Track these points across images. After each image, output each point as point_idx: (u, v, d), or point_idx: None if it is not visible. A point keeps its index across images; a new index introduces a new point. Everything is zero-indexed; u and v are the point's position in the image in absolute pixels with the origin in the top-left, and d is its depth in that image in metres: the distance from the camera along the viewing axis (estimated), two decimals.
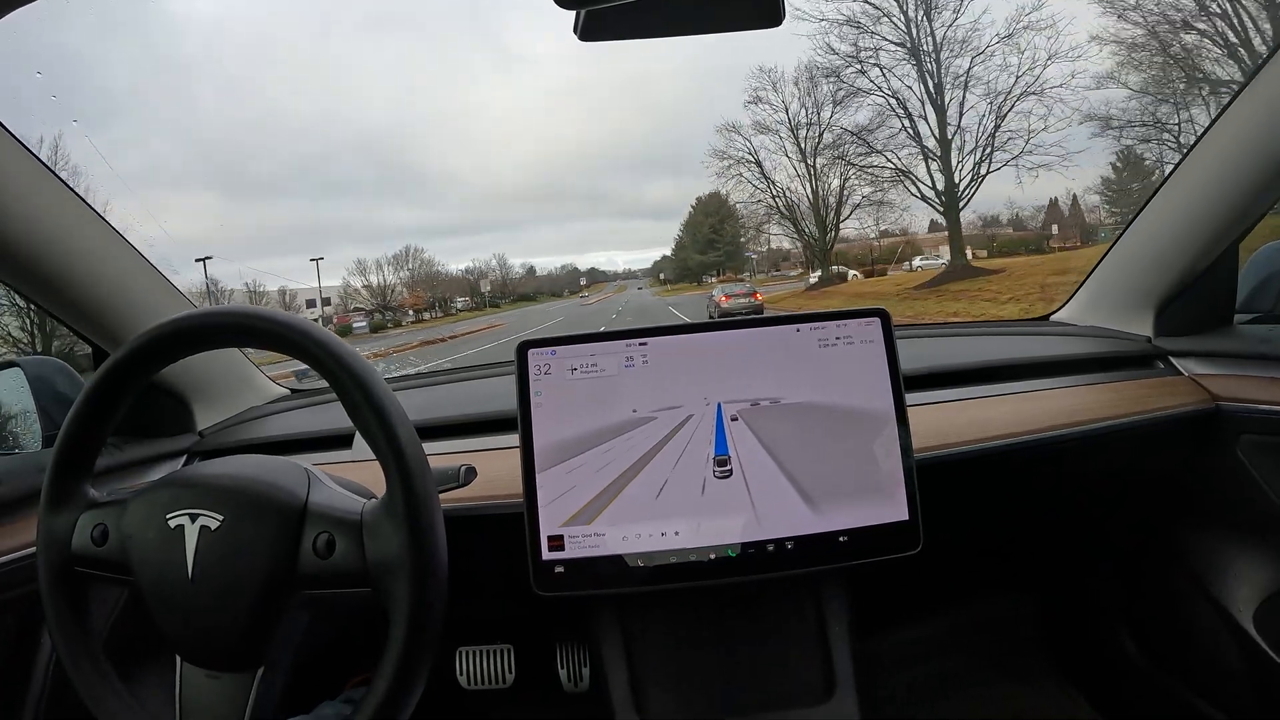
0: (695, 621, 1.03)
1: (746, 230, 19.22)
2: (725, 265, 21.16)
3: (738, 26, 0.76)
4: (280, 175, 32.41)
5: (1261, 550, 1.10)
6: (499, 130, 41.66)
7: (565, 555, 0.87)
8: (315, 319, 2.20)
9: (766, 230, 17.80)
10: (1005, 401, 1.11)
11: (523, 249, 45.54)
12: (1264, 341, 1.10)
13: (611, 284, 23.36)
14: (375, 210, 36.02)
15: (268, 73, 41.70)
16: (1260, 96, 0.98)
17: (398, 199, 36.43)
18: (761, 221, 17.42)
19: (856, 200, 15.06)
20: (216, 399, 1.22)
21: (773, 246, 19.07)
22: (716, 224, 21.26)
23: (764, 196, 16.06)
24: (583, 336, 0.91)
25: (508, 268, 23.50)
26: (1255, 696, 1.10)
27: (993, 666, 1.53)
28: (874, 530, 0.89)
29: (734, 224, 20.29)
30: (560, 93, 41.44)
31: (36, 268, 0.92)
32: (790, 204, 15.89)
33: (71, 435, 0.70)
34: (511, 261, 24.94)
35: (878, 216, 15.24)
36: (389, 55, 44.51)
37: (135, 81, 22.65)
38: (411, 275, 19.91)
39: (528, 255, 40.79)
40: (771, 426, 0.89)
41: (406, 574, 0.63)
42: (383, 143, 36.46)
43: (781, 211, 16.09)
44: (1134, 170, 12.90)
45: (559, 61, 38.32)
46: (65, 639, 0.69)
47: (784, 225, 16.57)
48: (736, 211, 19.64)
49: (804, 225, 15.91)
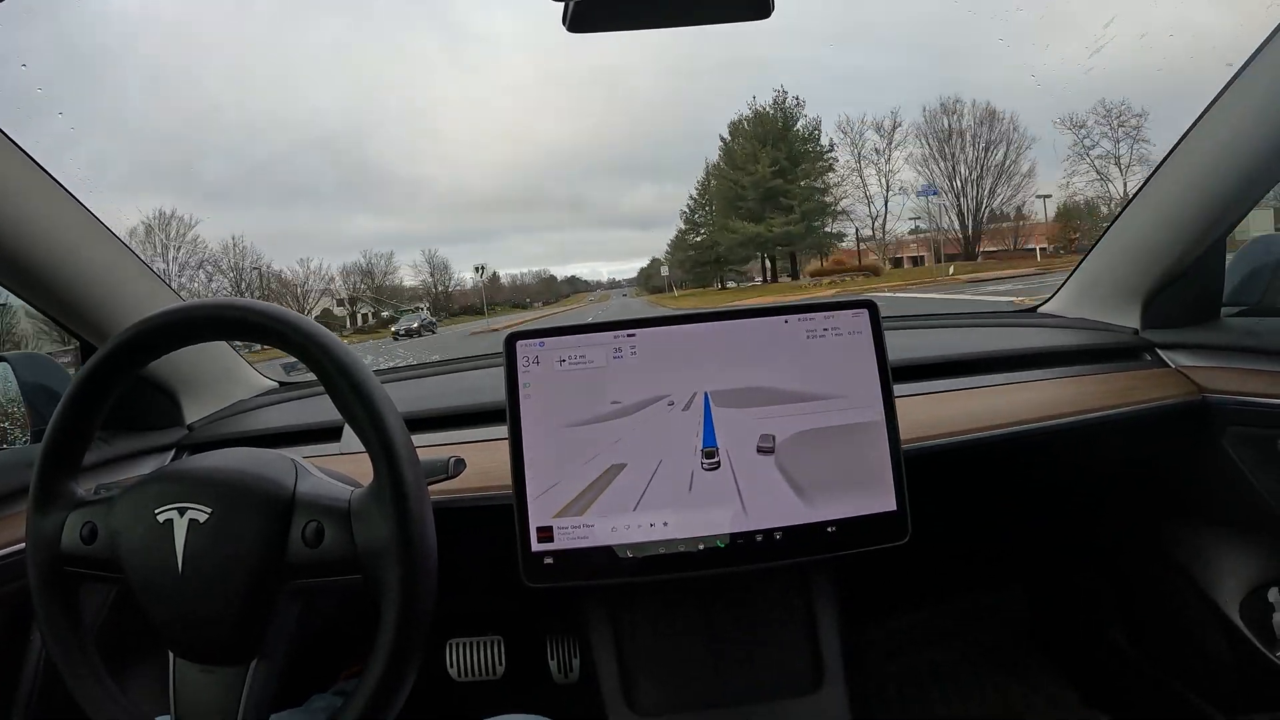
0: (685, 612, 1.04)
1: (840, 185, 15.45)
2: (797, 241, 16.14)
3: (727, 18, 0.77)
4: (233, 180, 31.32)
5: (1248, 541, 1.11)
6: (466, 128, 40.47)
7: (554, 546, 0.87)
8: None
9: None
10: (993, 393, 1.11)
11: (501, 259, 44.38)
12: (1250, 334, 1.10)
13: (593, 293, 20.03)
14: (341, 219, 34.94)
15: (203, 66, 39.63)
16: (1247, 90, 0.98)
17: (363, 205, 35.27)
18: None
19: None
20: (204, 392, 1.22)
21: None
22: (785, 162, 15.77)
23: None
24: (571, 328, 0.91)
25: (442, 270, 19.92)
26: (1242, 686, 1.11)
27: (981, 657, 1.54)
28: (862, 521, 0.89)
29: (814, 164, 15.67)
30: (530, 86, 40.40)
31: (21, 261, 0.91)
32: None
33: (58, 431, 0.69)
34: (460, 271, 21.44)
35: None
36: (326, 38, 42.53)
37: (58, 74, 21.12)
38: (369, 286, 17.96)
39: (506, 266, 39.00)
40: (760, 417, 0.89)
41: (396, 559, 0.63)
42: (338, 138, 35.18)
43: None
44: None
45: (524, 49, 37.09)
46: (56, 639, 0.69)
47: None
48: (821, 152, 15.44)
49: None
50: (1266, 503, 1.04)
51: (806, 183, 16.32)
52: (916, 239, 17.08)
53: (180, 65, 35.61)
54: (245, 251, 17.32)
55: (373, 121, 36.32)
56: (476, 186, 36.72)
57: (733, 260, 17.79)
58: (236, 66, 32.69)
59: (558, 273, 22.72)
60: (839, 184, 16.42)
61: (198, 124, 30.96)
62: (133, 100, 34.54)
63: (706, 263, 18.20)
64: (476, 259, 40.46)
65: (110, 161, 28.41)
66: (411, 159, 36.90)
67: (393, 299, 19.12)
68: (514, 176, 37.29)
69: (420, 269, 19.76)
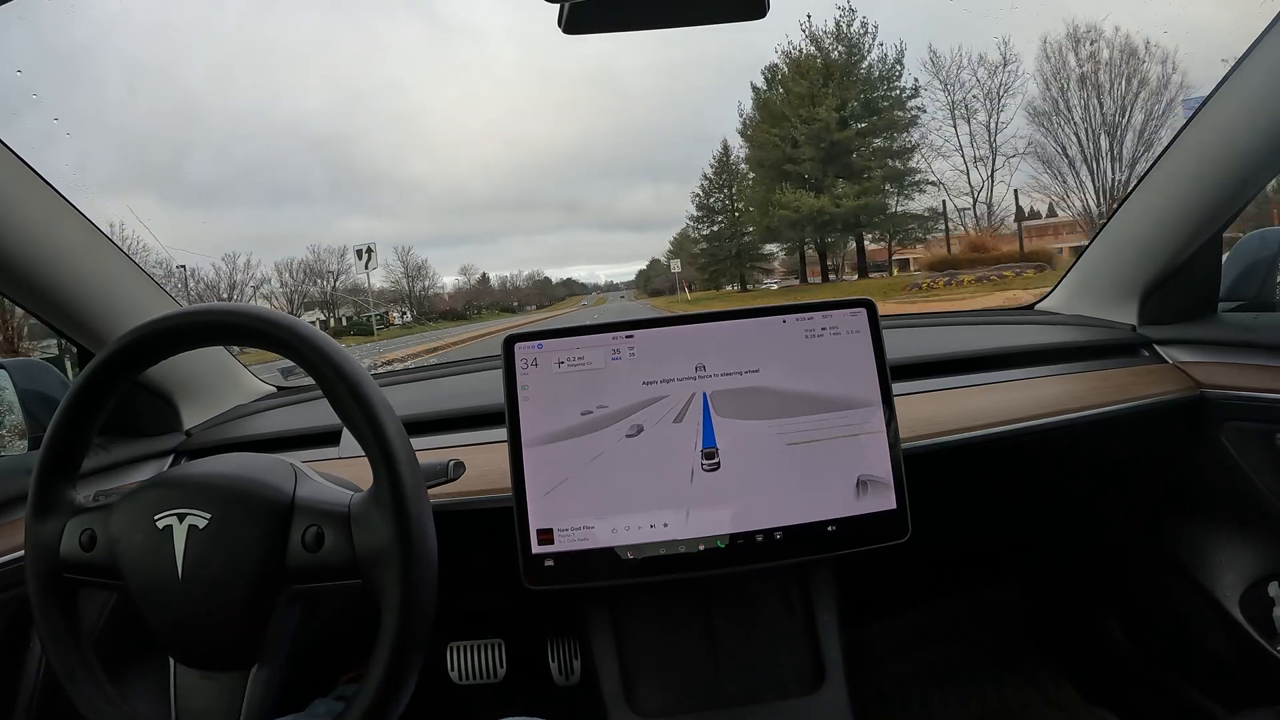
0: (685, 613, 1.04)
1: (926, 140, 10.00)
2: (876, 220, 11.15)
3: (722, 19, 0.77)
4: (222, 179, 30.54)
5: (1246, 536, 1.12)
6: (457, 129, 39.63)
7: (555, 548, 0.87)
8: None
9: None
10: (992, 390, 1.12)
11: (498, 263, 43.59)
12: (1248, 329, 1.11)
13: (588, 296, 17.94)
14: (335, 220, 34.21)
15: (182, 61, 38.35)
16: (1244, 85, 0.98)
17: (355, 207, 34.44)
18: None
19: None
20: (203, 398, 1.21)
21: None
22: (845, 110, 10.92)
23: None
24: (569, 330, 0.91)
25: (417, 271, 17.14)
26: (1242, 681, 1.11)
27: (981, 654, 1.54)
28: (862, 520, 0.89)
29: (892, 111, 10.76)
30: (521, 83, 39.51)
31: (17, 266, 0.91)
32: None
33: (56, 438, 0.69)
34: (441, 275, 19.05)
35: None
36: (305, 31, 40.95)
37: (34, 67, 19.95)
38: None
39: (500, 269, 37.96)
40: (759, 417, 0.89)
41: (396, 562, 0.63)
42: (326, 135, 34.17)
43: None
44: None
45: (515, 44, 35.98)
46: (56, 646, 0.69)
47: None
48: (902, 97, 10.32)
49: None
50: (1265, 497, 1.04)
51: (885, 138, 11.58)
52: (1038, 224, 12.35)
53: (158, 61, 34.65)
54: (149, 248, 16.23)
55: (363, 121, 35.52)
56: (471, 188, 36.17)
57: (755, 256, 13.69)
58: (218, 63, 31.61)
59: (555, 275, 20.67)
60: (923, 140, 11.56)
61: (174, 122, 30.15)
62: (110, 97, 33.67)
63: (724, 258, 13.95)
64: (472, 262, 39.36)
65: (90, 161, 27.73)
66: (403, 160, 36.30)
67: (354, 299, 16.78)
68: (509, 178, 36.82)
69: (392, 269, 17.27)
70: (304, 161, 31.68)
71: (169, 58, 33.24)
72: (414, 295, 16.84)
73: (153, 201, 28.25)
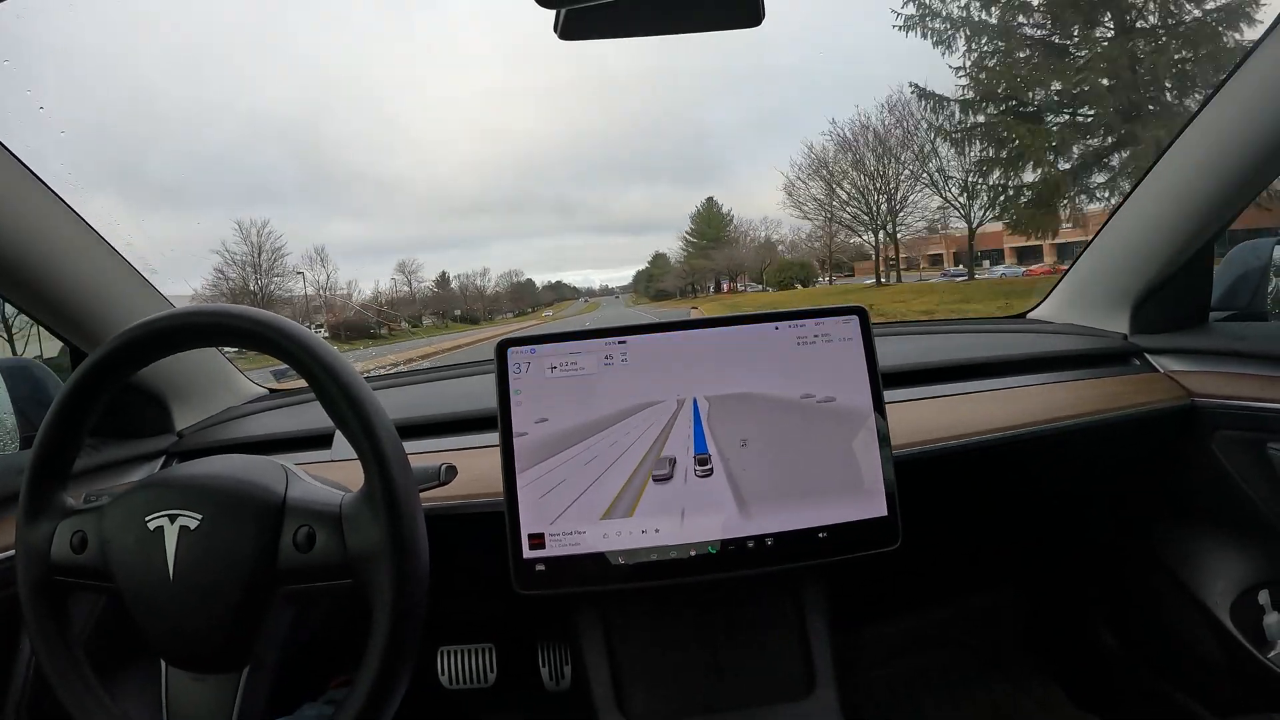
0: (677, 619, 1.04)
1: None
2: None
3: (718, 26, 0.77)
4: (188, 178, 29.21)
5: (1237, 544, 1.12)
6: (441, 127, 38.55)
7: (546, 553, 0.87)
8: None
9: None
10: (984, 398, 1.12)
11: (497, 265, 42.90)
12: (1239, 339, 1.11)
13: (579, 300, 16.20)
14: (319, 225, 33.17)
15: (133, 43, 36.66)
16: (1236, 96, 0.99)
17: (334, 208, 33.15)
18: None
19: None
20: (195, 399, 1.21)
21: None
22: None
23: None
24: (562, 335, 0.91)
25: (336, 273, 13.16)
26: (1233, 689, 1.11)
27: (972, 661, 1.54)
28: (853, 526, 0.89)
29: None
30: (510, 80, 38.60)
31: (11, 265, 0.91)
32: None
33: (48, 440, 0.69)
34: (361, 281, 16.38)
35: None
36: (290, 29, 39.30)
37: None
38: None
39: (472, 271, 36.87)
40: (751, 424, 0.90)
41: (387, 562, 0.63)
42: (294, 126, 32.61)
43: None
44: None
45: (504, 44, 34.83)
46: (47, 648, 0.69)
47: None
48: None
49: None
50: (1256, 506, 1.05)
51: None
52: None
53: (121, 48, 33.40)
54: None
55: (340, 117, 34.33)
56: (458, 190, 35.44)
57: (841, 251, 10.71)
58: (172, 48, 29.64)
59: (546, 279, 16.91)
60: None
61: (136, 112, 29.05)
62: (61, 88, 32.52)
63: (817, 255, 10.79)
64: (465, 266, 38.04)
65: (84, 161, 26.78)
66: (386, 159, 35.48)
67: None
68: (498, 179, 36.20)
69: (313, 264, 11.89)
70: (273, 157, 30.82)
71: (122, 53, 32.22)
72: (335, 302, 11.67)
73: (112, 203, 27.49)
